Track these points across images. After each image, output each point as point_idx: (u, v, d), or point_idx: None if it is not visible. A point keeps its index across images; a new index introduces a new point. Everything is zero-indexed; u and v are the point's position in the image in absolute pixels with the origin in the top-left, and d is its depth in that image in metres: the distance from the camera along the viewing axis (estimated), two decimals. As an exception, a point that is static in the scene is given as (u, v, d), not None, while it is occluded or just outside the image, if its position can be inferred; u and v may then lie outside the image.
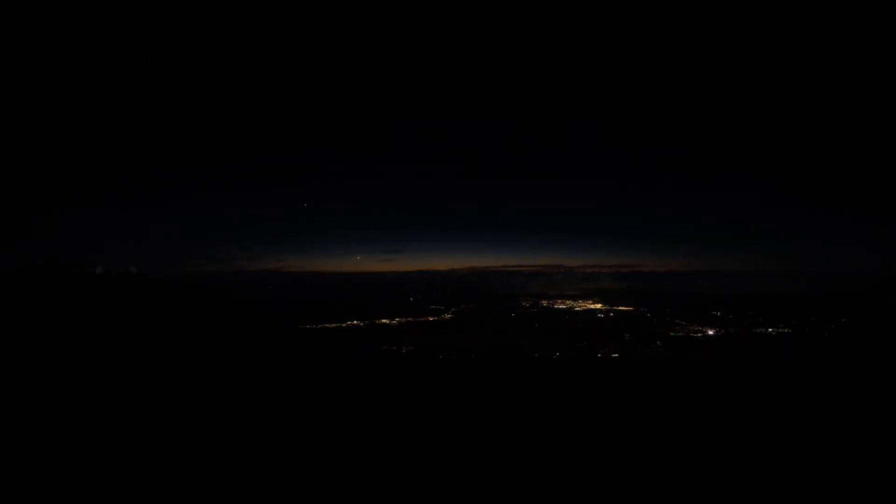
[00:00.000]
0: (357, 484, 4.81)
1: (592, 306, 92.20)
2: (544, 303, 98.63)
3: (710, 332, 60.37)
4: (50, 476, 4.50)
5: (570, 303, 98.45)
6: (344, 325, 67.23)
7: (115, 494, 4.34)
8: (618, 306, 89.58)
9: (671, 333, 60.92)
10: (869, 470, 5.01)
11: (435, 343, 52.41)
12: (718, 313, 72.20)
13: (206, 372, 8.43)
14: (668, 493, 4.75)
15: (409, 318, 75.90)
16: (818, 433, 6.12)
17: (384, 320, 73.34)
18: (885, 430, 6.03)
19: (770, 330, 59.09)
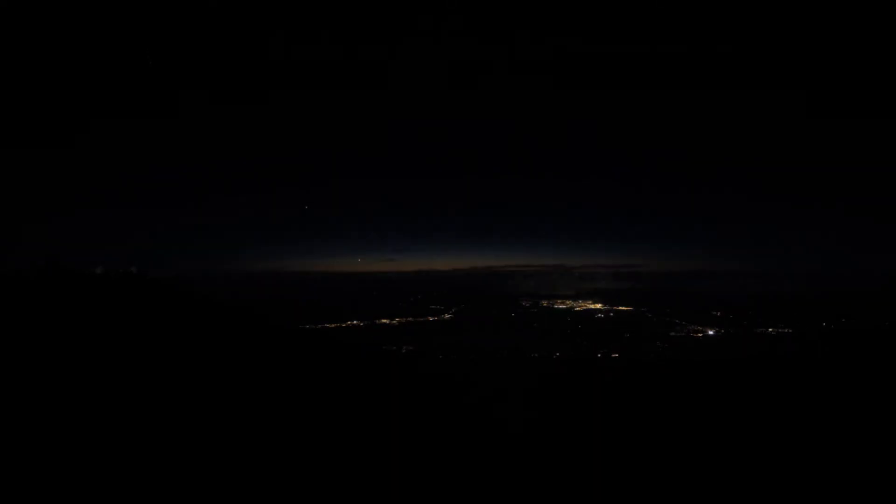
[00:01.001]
0: (358, 484, 4.81)
1: (592, 306, 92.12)
2: (544, 303, 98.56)
3: (710, 332, 60.29)
4: (51, 477, 4.50)
5: (570, 303, 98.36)
6: (344, 325, 67.18)
7: (117, 495, 4.35)
8: (618, 306, 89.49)
9: (671, 333, 60.85)
10: (869, 470, 5.01)
11: (435, 343, 52.40)
12: (718, 313, 72.11)
13: (207, 372, 8.43)
14: (669, 493, 4.75)
15: (409, 318, 75.86)
16: (818, 433, 6.12)
17: (384, 320, 73.29)
18: (885, 430, 6.03)
19: (770, 330, 58.99)
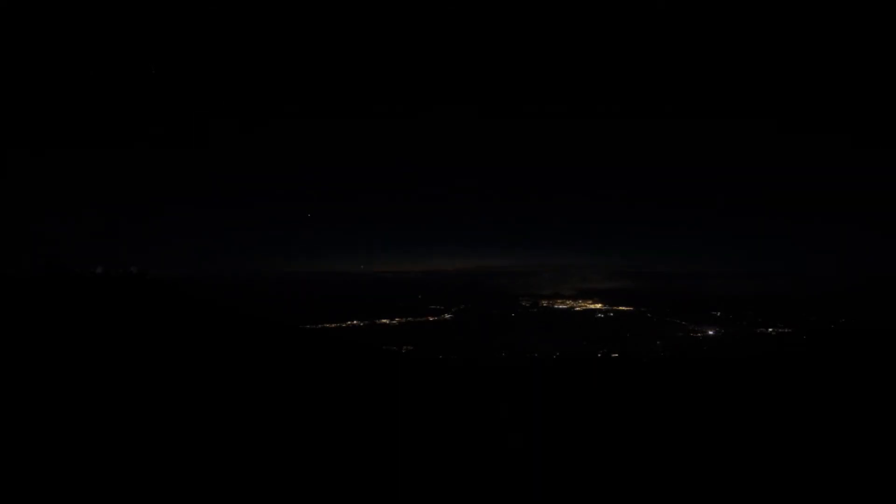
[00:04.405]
0: (362, 484, 4.82)
1: (592, 306, 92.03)
2: (544, 303, 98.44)
3: (710, 332, 60.30)
4: (51, 477, 4.51)
5: (569, 303, 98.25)
6: (344, 325, 67.18)
7: (117, 496, 4.35)
8: (618, 306, 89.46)
9: (671, 333, 60.91)
10: (869, 470, 5.02)
11: (435, 343, 52.44)
12: (718, 313, 72.12)
13: (209, 372, 8.44)
14: (669, 493, 4.76)
15: (409, 318, 75.86)
16: (818, 433, 6.13)
17: (384, 320, 73.30)
18: (885, 430, 6.05)
19: (770, 330, 59.02)
